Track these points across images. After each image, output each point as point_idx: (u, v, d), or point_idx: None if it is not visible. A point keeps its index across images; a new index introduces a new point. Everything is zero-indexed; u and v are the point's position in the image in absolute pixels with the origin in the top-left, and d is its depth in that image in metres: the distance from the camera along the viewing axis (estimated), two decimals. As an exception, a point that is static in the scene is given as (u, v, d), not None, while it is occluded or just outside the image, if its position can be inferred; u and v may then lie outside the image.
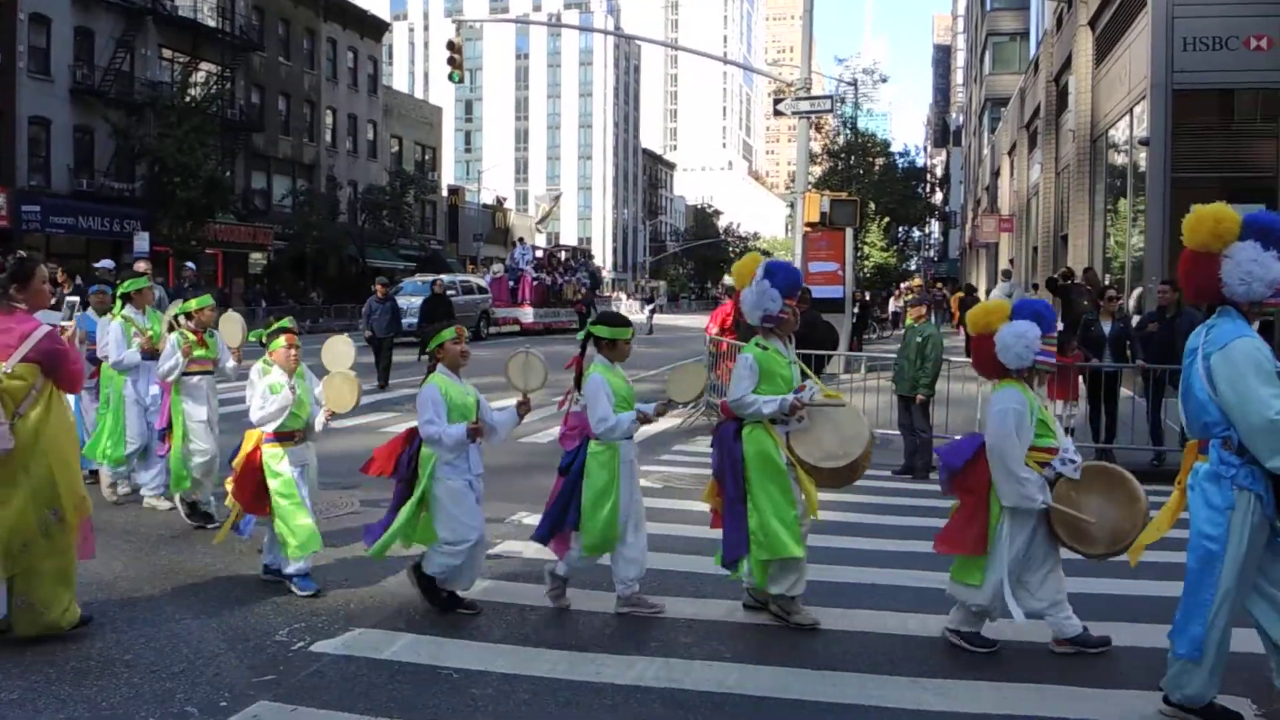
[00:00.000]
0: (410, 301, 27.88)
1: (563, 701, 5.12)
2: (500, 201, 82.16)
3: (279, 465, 6.80)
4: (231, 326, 8.38)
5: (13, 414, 5.39)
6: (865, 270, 45.33)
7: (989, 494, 5.81)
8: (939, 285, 41.61)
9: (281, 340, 6.93)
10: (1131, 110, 20.20)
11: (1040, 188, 31.40)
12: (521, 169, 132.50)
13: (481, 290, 37.39)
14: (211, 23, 45.21)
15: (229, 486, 7.05)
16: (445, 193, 68.60)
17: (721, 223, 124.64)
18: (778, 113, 23.13)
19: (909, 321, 12.67)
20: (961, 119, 75.56)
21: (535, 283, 39.93)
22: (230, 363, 8.67)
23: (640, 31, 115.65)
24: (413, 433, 6.41)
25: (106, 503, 9.19)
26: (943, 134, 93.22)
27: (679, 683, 5.38)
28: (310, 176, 52.59)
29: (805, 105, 21.88)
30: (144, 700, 4.99)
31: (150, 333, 9.13)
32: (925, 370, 11.43)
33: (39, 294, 5.69)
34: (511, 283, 39.75)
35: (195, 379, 8.58)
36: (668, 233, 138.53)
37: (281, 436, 6.85)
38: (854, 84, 50.54)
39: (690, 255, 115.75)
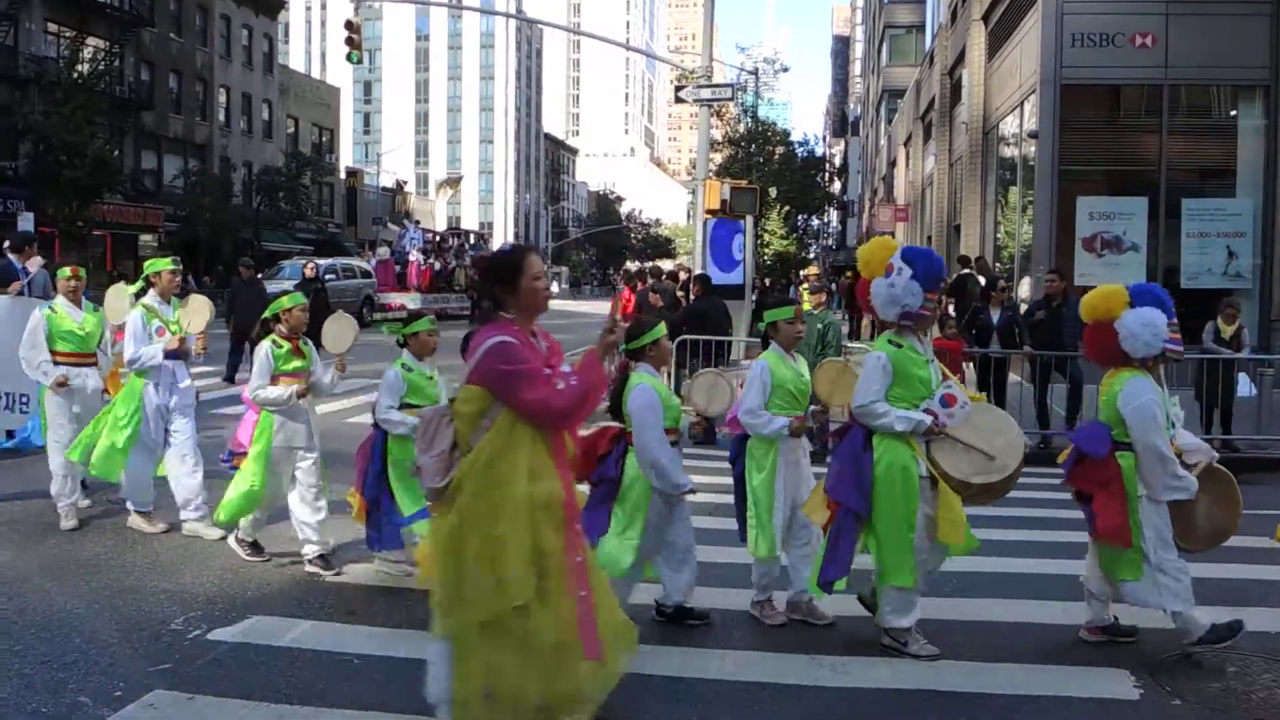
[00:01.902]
0: (282, 286, 26.47)
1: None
2: (400, 185, 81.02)
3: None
4: (343, 326, 7.48)
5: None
6: (765, 257, 45.78)
7: (1124, 484, 5.62)
8: (849, 275, 41.95)
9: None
10: (1022, 104, 20.75)
11: (934, 178, 32.06)
12: (422, 152, 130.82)
13: (365, 274, 35.33)
14: (99, -4, 43.79)
15: (351, 500, 6.81)
16: (344, 175, 67.41)
17: (624, 209, 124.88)
18: (679, 100, 23.23)
19: (807, 308, 12.88)
20: (860, 109, 76.69)
21: (424, 267, 38.57)
22: (328, 377, 7.30)
23: (542, 15, 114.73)
24: (619, 433, 5.91)
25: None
26: (841, 124, 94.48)
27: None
28: (203, 157, 51.26)
29: (706, 93, 22.00)
30: (35, 690, 4.90)
31: (174, 326, 7.83)
32: (825, 355, 11.65)
33: (533, 294, 4.16)
34: (398, 267, 38.21)
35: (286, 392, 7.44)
36: (570, 219, 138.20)
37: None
38: (755, 73, 50.93)
39: (593, 241, 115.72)
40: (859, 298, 5.92)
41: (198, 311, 7.89)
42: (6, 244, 12.74)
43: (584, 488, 5.62)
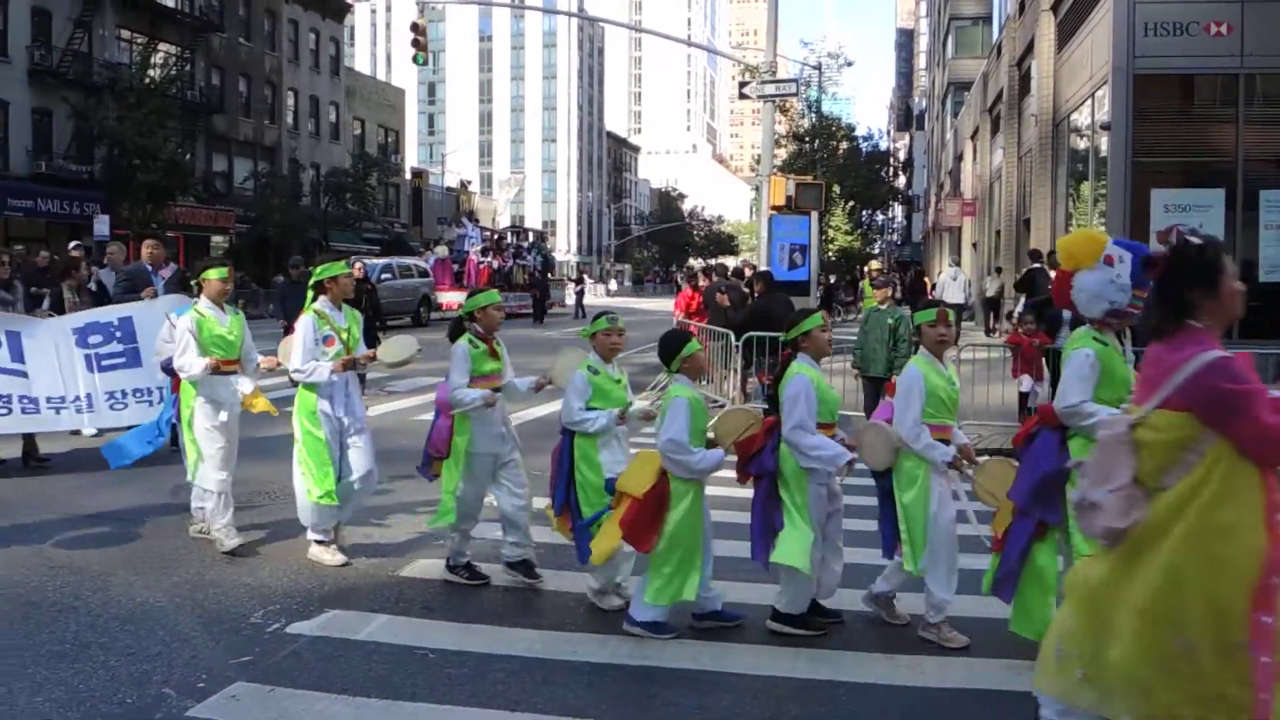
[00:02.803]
0: None
1: (539, 680, 5.17)
2: (464, 185, 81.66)
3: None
4: (402, 343, 7.36)
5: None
6: (830, 254, 45.49)
7: None
8: (916, 270, 41.46)
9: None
10: (1093, 95, 20.40)
11: (1003, 172, 31.62)
12: (485, 152, 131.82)
13: (422, 274, 35.19)
14: (170, 3, 44.61)
15: (553, 518, 6.42)
16: (409, 176, 68.10)
17: (686, 206, 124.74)
18: (743, 96, 23.15)
19: (873, 304, 12.79)
20: (924, 103, 75.88)
21: (482, 266, 38.35)
22: (526, 383, 6.88)
23: (604, 13, 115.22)
24: (774, 425, 5.83)
25: (69, 484, 9.17)
26: (906, 118, 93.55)
27: (652, 660, 5.46)
28: (272, 159, 52.09)
29: (771, 89, 21.91)
30: (121, 683, 5.00)
31: (347, 335, 7.19)
32: (899, 351, 11.56)
33: (1233, 299, 3.49)
34: (456, 266, 38.23)
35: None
36: (632, 216, 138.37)
37: None
38: (819, 68, 50.65)
39: (655, 239, 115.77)
40: (1055, 290, 5.61)
41: (401, 347, 7.45)
42: (111, 249, 12.77)
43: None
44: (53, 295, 11.27)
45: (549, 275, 44.74)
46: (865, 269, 35.93)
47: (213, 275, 7.52)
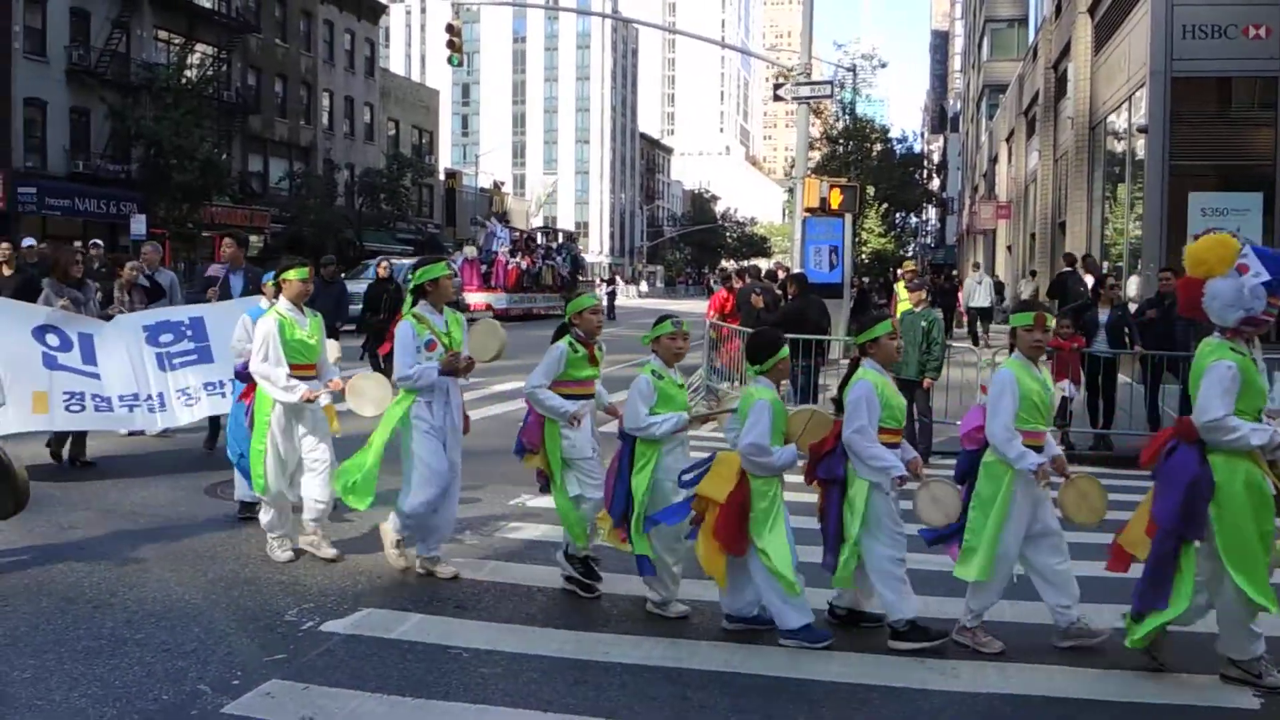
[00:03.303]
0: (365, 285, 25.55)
1: (572, 680, 5.17)
2: (498, 185, 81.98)
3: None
4: (489, 335, 6.89)
5: None
6: (863, 256, 45.30)
7: None
8: (952, 273, 41.18)
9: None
10: (1130, 98, 20.23)
11: (1038, 174, 31.42)
12: (519, 153, 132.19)
13: (451, 274, 34.88)
14: (207, 4, 45.01)
15: (602, 523, 6.33)
16: (443, 176, 68.41)
17: (719, 208, 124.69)
18: (778, 98, 23.11)
19: (908, 306, 12.72)
20: (959, 105, 75.48)
21: (510, 267, 38.18)
22: (605, 399, 6.78)
23: (638, 15, 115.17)
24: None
25: (106, 482, 9.26)
26: (940, 120, 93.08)
27: (684, 662, 5.44)
28: (307, 159, 52.44)
29: (805, 91, 21.86)
30: (157, 678, 5.03)
31: (448, 339, 6.79)
32: (932, 354, 11.49)
33: None
34: (484, 266, 37.92)
35: (580, 404, 6.54)
36: (665, 218, 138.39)
37: None
38: (853, 69, 50.45)
39: (688, 240, 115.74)
40: (1183, 297, 5.45)
41: (488, 335, 6.96)
42: (146, 249, 12.59)
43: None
44: (104, 293, 11.22)
45: (579, 276, 44.40)
46: (898, 271, 35.71)
47: (293, 275, 7.13)
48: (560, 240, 49.23)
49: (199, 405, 9.85)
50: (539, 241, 45.14)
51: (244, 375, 7.51)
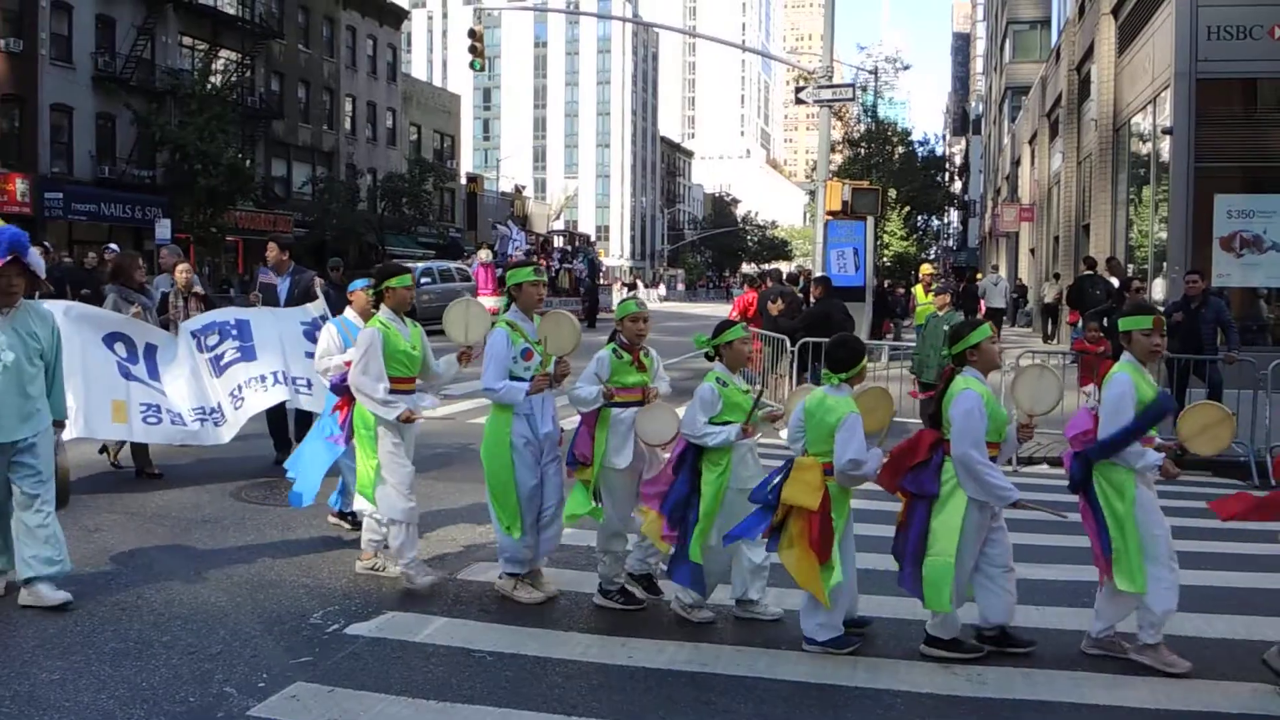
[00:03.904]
0: None
1: (595, 685, 5.18)
2: (519, 189, 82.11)
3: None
4: (565, 328, 6.38)
5: None
6: (885, 259, 45.15)
7: None
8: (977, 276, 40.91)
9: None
10: (1155, 99, 20.12)
11: (1061, 177, 31.26)
12: (540, 157, 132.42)
13: (465, 278, 33.90)
14: (231, 10, 45.27)
15: (644, 514, 6.17)
16: (464, 180, 68.58)
17: (739, 211, 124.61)
18: (799, 101, 23.06)
19: (931, 309, 12.68)
20: (981, 107, 75.19)
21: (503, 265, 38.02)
22: (451, 369, 6.81)
23: (659, 19, 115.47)
24: (936, 440, 5.62)
25: (133, 484, 9.31)
26: (962, 122, 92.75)
27: (709, 667, 5.43)
28: (330, 164, 52.70)
29: (827, 94, 21.80)
30: (183, 681, 5.06)
31: (539, 348, 6.42)
32: (955, 357, 11.44)
33: None
34: (500, 270, 37.65)
35: (623, 412, 6.24)
36: (686, 221, 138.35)
37: None
38: (875, 72, 50.31)
39: (708, 244, 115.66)
40: None
41: (562, 328, 6.42)
42: (164, 254, 12.10)
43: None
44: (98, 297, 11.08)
45: (596, 279, 44.13)
46: (919, 274, 35.57)
47: (396, 283, 6.72)
48: (577, 244, 48.89)
49: (245, 405, 9.55)
50: (556, 245, 44.94)
51: (339, 388, 7.15)
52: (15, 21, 35.03)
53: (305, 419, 9.58)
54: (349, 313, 7.70)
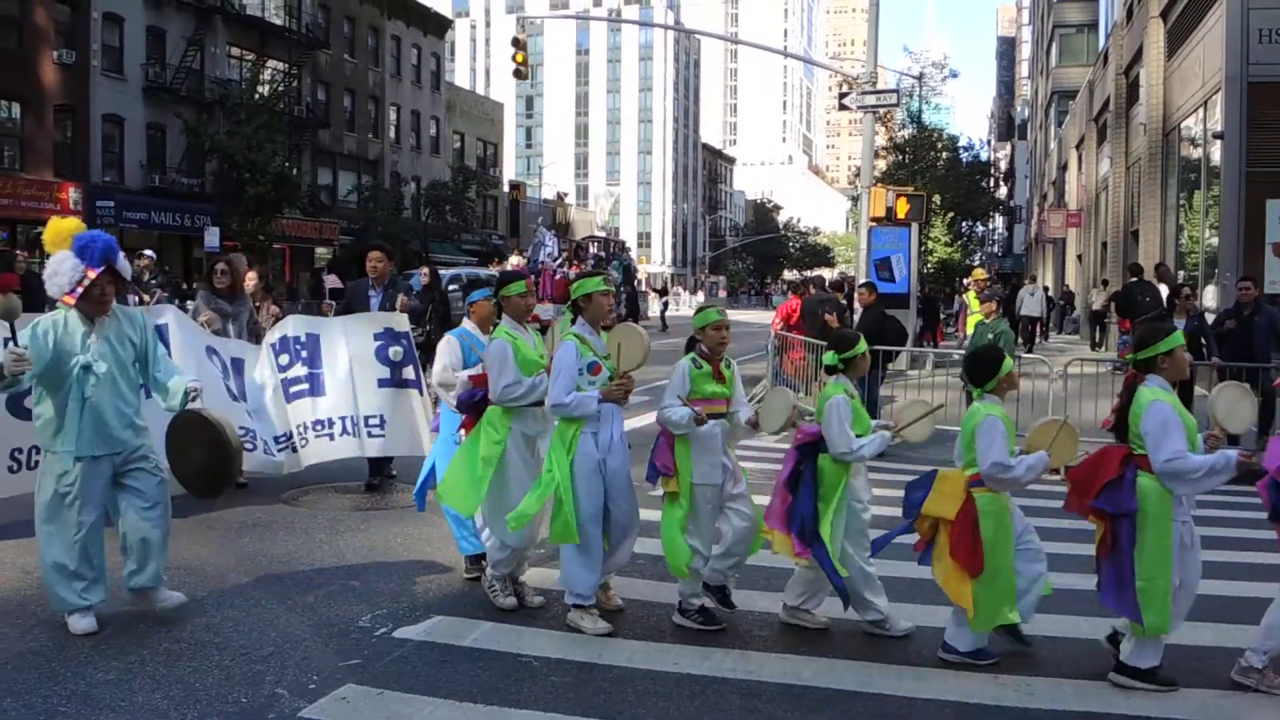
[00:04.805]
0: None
1: (641, 691, 5.18)
2: (561, 197, 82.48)
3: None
4: (634, 340, 6.11)
5: None
6: (929, 265, 44.83)
7: None
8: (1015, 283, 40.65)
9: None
10: (1205, 103, 19.88)
11: (1110, 182, 30.94)
12: (581, 164, 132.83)
13: None
14: (278, 21, 45.82)
15: (771, 535, 6.09)
16: (507, 188, 68.95)
17: (781, 217, 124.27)
18: (843, 107, 23.00)
19: (979, 316, 12.59)
20: (1026, 112, 74.57)
21: (558, 277, 37.99)
22: (746, 413, 6.25)
23: (700, 25, 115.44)
24: (1126, 456, 5.35)
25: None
26: (1007, 127, 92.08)
27: (755, 674, 5.42)
28: (375, 172, 53.16)
29: (871, 100, 21.72)
30: (235, 682, 5.13)
31: (609, 363, 6.13)
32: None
33: None
34: (532, 277, 37.60)
35: (709, 424, 6.02)
36: (727, 228, 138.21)
37: None
38: (920, 77, 50.00)
39: (750, 250, 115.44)
40: None
41: (632, 341, 6.12)
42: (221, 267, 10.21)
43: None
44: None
45: (632, 285, 43.82)
46: (966, 281, 35.28)
47: (514, 291, 6.47)
48: (612, 250, 48.59)
49: (309, 447, 8.60)
50: (590, 251, 44.77)
51: (467, 405, 6.59)
52: (67, 33, 35.68)
53: None
54: (468, 324, 7.10)
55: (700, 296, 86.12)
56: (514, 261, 39.22)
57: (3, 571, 6.86)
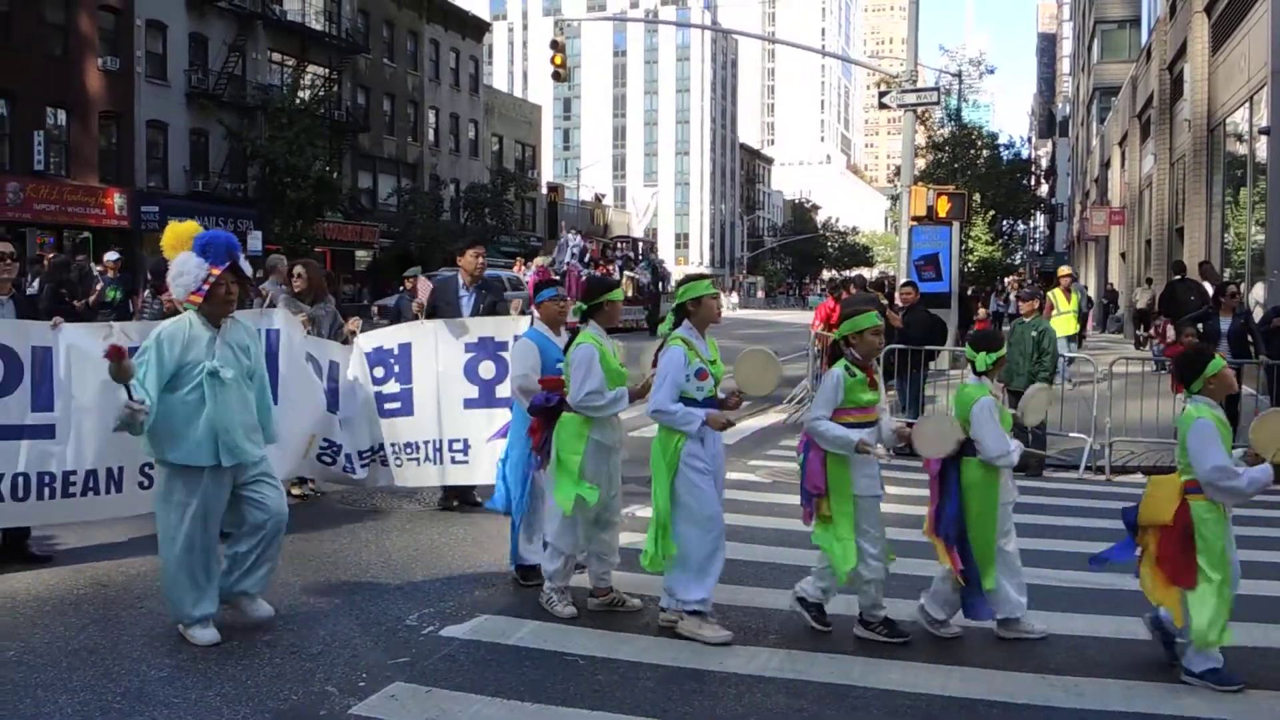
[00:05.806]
0: None
1: (688, 690, 5.19)
2: (599, 198, 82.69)
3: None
4: (761, 366, 6.03)
5: None
6: (970, 265, 44.52)
7: None
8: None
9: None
10: (1250, 98, 19.63)
11: (1153, 179, 30.61)
12: (619, 166, 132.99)
13: (517, 287, 31.28)
14: (318, 26, 46.27)
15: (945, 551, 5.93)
16: (545, 190, 69.26)
17: (820, 217, 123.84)
18: (883, 106, 22.91)
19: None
20: (1068, 109, 73.88)
21: (583, 278, 37.58)
22: (890, 425, 6.01)
23: (737, 25, 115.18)
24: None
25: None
26: (1048, 124, 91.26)
27: (802, 674, 5.42)
28: (414, 175, 53.55)
29: (911, 98, 21.61)
30: (286, 679, 5.19)
31: (714, 367, 5.95)
32: (1043, 364, 11.30)
33: None
34: (558, 277, 37.27)
35: (860, 433, 5.78)
36: (765, 228, 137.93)
37: None
38: (959, 75, 49.66)
39: (788, 250, 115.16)
40: None
41: (764, 368, 6.06)
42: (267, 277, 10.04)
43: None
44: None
45: (661, 286, 43.67)
46: (1006, 281, 34.99)
47: (615, 297, 6.33)
48: (640, 250, 48.34)
49: (401, 469, 8.45)
50: (617, 251, 44.43)
51: (540, 409, 6.31)
52: (111, 41, 36.21)
53: None
54: (539, 325, 6.83)
55: (735, 298, 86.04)
56: (538, 263, 39.45)
57: (58, 571, 6.98)
